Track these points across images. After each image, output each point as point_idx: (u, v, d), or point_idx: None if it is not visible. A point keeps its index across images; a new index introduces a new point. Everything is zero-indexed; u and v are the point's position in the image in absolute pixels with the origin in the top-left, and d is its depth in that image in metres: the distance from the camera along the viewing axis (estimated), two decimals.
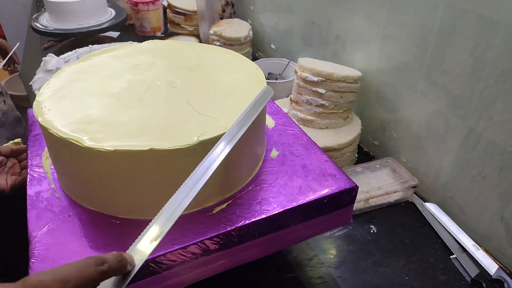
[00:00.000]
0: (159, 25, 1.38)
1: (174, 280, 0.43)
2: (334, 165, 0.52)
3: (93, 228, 0.44)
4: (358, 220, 0.68)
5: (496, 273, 0.57)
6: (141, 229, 0.34)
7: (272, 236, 0.46)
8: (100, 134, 0.41)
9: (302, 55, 0.96)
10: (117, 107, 0.46)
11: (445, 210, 0.68)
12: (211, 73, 0.54)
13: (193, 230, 0.42)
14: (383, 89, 0.76)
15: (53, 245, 0.42)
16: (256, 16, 1.19)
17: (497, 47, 0.53)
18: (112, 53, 0.59)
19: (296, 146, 0.55)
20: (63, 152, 0.44)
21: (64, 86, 0.50)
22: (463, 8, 0.56)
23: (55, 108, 0.46)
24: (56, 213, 0.45)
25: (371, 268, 0.60)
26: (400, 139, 0.76)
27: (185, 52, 0.60)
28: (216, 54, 0.59)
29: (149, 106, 0.47)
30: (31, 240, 0.42)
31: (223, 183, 0.46)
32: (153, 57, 0.57)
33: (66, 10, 1.22)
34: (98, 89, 0.50)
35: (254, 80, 0.52)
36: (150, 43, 0.62)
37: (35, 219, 0.45)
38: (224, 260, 0.45)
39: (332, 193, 0.47)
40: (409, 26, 0.66)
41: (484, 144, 0.59)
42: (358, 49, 0.80)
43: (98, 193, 0.45)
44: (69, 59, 1.03)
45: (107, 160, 0.41)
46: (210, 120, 0.44)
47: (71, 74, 0.53)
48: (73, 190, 0.47)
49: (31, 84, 0.93)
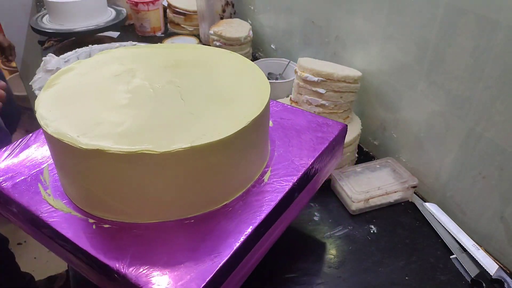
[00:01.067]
0: (159, 25, 1.38)
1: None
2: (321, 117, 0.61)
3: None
4: (358, 220, 0.68)
5: (496, 273, 0.57)
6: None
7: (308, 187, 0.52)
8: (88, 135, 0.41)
9: (302, 55, 0.96)
10: (112, 110, 0.46)
11: (445, 210, 0.68)
12: (212, 76, 0.53)
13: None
14: (383, 89, 0.76)
15: None
16: (256, 16, 1.19)
17: (497, 47, 0.53)
18: (106, 57, 0.59)
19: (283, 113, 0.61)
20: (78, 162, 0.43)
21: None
22: (463, 8, 0.56)
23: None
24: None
25: (371, 268, 0.60)
26: (400, 139, 0.76)
27: (184, 54, 0.59)
28: (218, 56, 0.59)
29: (146, 110, 0.46)
30: None
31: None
32: (148, 60, 0.57)
33: (66, 10, 1.22)
34: (98, 93, 0.50)
35: (257, 84, 0.52)
36: (147, 47, 0.62)
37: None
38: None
39: (334, 136, 0.56)
40: (409, 26, 0.66)
41: (484, 144, 0.59)
42: (358, 49, 0.80)
43: (83, 192, 0.45)
44: (69, 59, 1.03)
45: (94, 161, 0.40)
46: (208, 126, 0.44)
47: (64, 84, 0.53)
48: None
49: (31, 84, 0.93)
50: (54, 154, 0.46)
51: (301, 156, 0.53)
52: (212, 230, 0.42)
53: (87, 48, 1.08)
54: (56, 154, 0.45)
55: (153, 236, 0.42)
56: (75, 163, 0.43)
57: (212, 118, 0.44)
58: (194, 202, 0.44)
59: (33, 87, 0.92)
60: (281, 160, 0.52)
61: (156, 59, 0.57)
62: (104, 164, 0.40)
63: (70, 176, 0.45)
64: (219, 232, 0.42)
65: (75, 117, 0.44)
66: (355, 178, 0.71)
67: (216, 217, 0.44)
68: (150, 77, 0.52)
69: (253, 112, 0.45)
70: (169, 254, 0.39)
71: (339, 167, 0.75)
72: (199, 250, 0.40)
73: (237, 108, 0.46)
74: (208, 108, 0.46)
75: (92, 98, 0.48)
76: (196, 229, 0.43)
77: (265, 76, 0.53)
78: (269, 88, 0.50)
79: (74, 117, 0.44)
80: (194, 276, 0.37)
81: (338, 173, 0.72)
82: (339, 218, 0.68)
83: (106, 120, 0.44)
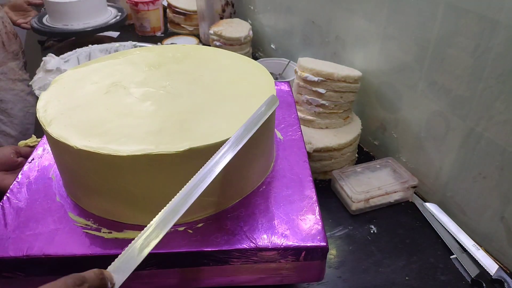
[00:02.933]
0: (159, 25, 1.38)
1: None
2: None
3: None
4: (358, 220, 0.68)
5: (496, 273, 0.57)
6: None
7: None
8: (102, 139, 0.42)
9: (302, 55, 0.96)
10: (120, 112, 0.46)
11: (445, 210, 0.68)
12: (218, 78, 0.54)
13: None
14: (383, 89, 0.76)
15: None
16: (256, 16, 1.19)
17: (497, 47, 0.53)
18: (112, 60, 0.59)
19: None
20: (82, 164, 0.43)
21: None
22: (463, 8, 0.56)
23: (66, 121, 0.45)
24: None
25: (371, 268, 0.60)
26: (400, 139, 0.76)
27: (189, 55, 0.60)
28: (223, 57, 0.59)
29: (155, 111, 0.46)
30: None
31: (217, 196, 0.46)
32: (156, 61, 0.58)
33: (66, 10, 1.22)
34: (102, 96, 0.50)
35: (262, 84, 0.52)
36: (152, 48, 0.62)
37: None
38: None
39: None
40: (409, 26, 0.66)
41: (484, 144, 0.59)
42: (358, 49, 0.80)
43: (85, 193, 0.45)
44: (69, 59, 1.03)
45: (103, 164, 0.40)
46: (217, 124, 0.44)
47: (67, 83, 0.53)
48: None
49: (31, 84, 0.93)
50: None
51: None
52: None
53: (87, 48, 1.08)
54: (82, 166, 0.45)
55: None
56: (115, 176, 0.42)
57: (221, 117, 0.45)
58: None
59: (33, 87, 0.92)
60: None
61: (159, 60, 0.58)
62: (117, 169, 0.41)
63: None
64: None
65: (80, 121, 0.45)
66: (355, 178, 0.71)
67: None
68: (156, 79, 0.53)
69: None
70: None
71: (339, 167, 0.75)
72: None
73: (244, 107, 0.47)
74: (217, 108, 0.47)
75: (98, 102, 0.48)
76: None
77: (270, 75, 0.54)
78: (274, 87, 0.51)
79: (79, 121, 0.45)
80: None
81: (338, 173, 0.72)
82: (339, 218, 0.68)
83: (111, 123, 0.44)
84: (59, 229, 0.44)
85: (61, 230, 0.44)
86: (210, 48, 0.64)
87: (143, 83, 0.52)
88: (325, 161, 0.74)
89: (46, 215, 0.45)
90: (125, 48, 1.10)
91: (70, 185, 0.48)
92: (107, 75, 0.54)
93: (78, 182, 0.45)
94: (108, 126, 0.44)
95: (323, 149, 0.73)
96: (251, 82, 0.53)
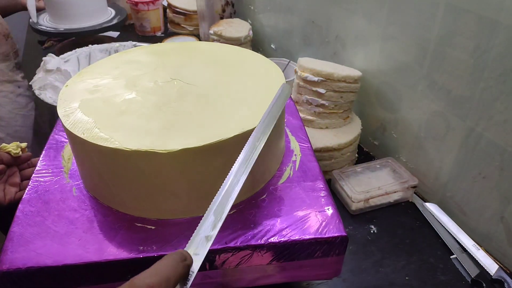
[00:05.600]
0: (159, 25, 1.38)
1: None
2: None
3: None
4: (358, 220, 0.68)
5: (496, 273, 0.57)
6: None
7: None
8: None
9: (302, 55, 0.96)
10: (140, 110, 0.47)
11: (445, 210, 0.68)
12: (231, 72, 0.55)
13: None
14: (383, 89, 0.76)
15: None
16: (256, 16, 1.19)
17: (497, 47, 0.53)
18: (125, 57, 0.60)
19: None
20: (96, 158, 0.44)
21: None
22: (463, 8, 0.56)
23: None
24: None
25: (371, 268, 0.60)
26: (400, 139, 0.76)
27: (204, 51, 0.61)
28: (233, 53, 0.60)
29: (166, 108, 0.47)
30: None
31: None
32: (169, 57, 0.59)
33: (66, 10, 1.22)
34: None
35: (272, 80, 0.53)
36: (164, 45, 0.64)
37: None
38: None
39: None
40: (409, 26, 0.66)
41: (484, 144, 0.59)
42: (358, 49, 0.80)
43: (113, 191, 0.46)
44: (69, 59, 1.03)
45: (126, 160, 0.41)
46: (230, 121, 0.45)
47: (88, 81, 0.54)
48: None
49: (31, 84, 0.93)
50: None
51: None
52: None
53: (87, 48, 1.08)
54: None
55: None
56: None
57: (233, 114, 0.46)
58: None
59: (33, 87, 0.92)
60: None
61: (173, 58, 0.59)
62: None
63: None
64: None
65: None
66: (355, 178, 0.71)
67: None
68: (168, 76, 0.54)
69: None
70: None
71: (339, 167, 0.75)
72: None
73: (255, 105, 0.48)
74: (228, 105, 0.48)
75: (107, 99, 0.49)
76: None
77: (281, 71, 0.55)
78: (283, 79, 0.52)
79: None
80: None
81: (338, 173, 0.72)
82: None
83: (124, 121, 0.45)
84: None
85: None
86: (218, 44, 0.65)
87: (154, 79, 0.53)
88: (325, 161, 0.74)
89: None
90: (125, 48, 1.09)
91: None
92: (125, 74, 0.55)
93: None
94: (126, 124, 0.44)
95: (323, 149, 0.73)
96: (261, 75, 0.54)
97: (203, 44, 0.65)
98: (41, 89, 0.91)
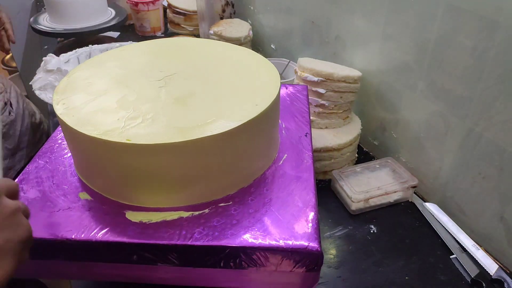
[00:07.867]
0: (159, 25, 1.38)
1: None
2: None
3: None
4: (358, 220, 0.68)
5: (496, 273, 0.57)
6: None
7: None
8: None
9: (302, 55, 0.96)
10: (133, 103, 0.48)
11: (445, 210, 0.68)
12: (223, 70, 0.56)
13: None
14: (383, 89, 0.76)
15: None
16: (256, 16, 1.19)
17: (497, 47, 0.53)
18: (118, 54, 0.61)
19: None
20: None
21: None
22: (463, 8, 0.56)
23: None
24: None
25: (371, 268, 0.60)
26: (400, 139, 0.76)
27: (202, 48, 0.62)
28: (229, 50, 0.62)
29: (167, 100, 0.48)
30: None
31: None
32: (165, 54, 0.60)
33: (66, 10, 1.22)
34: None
35: (267, 74, 0.55)
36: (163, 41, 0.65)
37: None
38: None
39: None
40: (409, 26, 0.66)
41: (484, 144, 0.59)
42: (358, 49, 0.80)
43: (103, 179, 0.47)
44: (69, 59, 1.03)
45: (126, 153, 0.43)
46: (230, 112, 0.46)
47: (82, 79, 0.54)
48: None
49: (31, 84, 0.93)
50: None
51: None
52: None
53: (87, 48, 1.08)
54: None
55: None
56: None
57: (232, 106, 0.47)
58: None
59: (33, 87, 0.92)
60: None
61: (166, 55, 0.60)
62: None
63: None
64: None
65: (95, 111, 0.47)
66: (355, 178, 0.71)
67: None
68: (159, 73, 0.55)
69: (269, 97, 0.49)
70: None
71: (339, 167, 0.76)
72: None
73: (251, 96, 0.49)
74: (226, 98, 0.49)
75: (113, 91, 0.50)
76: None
77: (274, 68, 0.57)
78: (278, 77, 0.54)
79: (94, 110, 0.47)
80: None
81: (338, 173, 0.72)
82: (339, 218, 0.68)
83: (126, 113, 0.46)
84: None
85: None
86: (220, 42, 0.66)
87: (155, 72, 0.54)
88: (324, 161, 0.74)
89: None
90: None
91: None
92: (126, 67, 0.56)
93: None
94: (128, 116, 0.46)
95: (323, 149, 0.73)
96: (261, 74, 0.56)
97: (193, 41, 0.66)
98: (41, 89, 0.91)
